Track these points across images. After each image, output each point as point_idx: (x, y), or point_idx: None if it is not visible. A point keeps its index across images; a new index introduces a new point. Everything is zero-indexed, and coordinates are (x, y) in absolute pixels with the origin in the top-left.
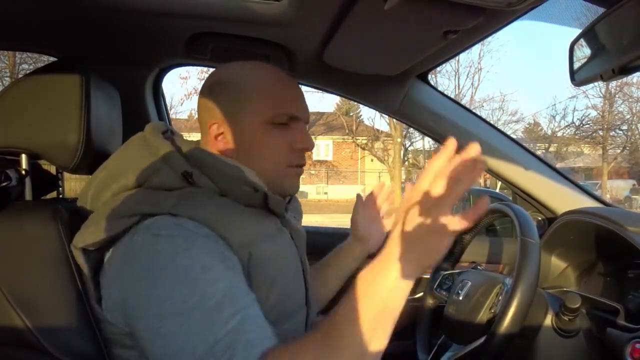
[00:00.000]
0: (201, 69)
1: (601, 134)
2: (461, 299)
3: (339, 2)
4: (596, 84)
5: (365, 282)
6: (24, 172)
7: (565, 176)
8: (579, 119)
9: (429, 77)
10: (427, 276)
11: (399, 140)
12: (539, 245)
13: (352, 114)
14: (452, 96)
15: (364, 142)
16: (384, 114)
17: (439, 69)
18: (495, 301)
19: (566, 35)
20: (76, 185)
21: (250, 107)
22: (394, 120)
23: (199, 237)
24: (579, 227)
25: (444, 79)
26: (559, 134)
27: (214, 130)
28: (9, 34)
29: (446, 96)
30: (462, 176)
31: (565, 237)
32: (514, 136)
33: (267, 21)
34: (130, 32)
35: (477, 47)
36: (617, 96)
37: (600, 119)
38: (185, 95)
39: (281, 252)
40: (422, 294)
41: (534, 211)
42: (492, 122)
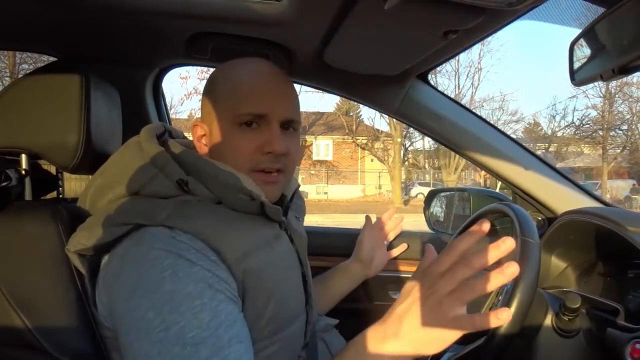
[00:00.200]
0: (201, 69)
1: (601, 134)
2: None
3: (339, 2)
4: (596, 84)
5: (358, 348)
6: (24, 172)
7: (565, 176)
8: (579, 119)
9: (429, 77)
10: None
11: (399, 140)
12: (539, 245)
13: (352, 114)
14: (452, 96)
15: (364, 142)
16: (384, 114)
17: (439, 69)
18: (495, 301)
19: (566, 35)
20: (76, 185)
21: (220, 106)
22: (394, 120)
23: (191, 253)
24: (579, 227)
25: (444, 79)
26: (559, 134)
27: (197, 131)
28: (9, 34)
29: (446, 96)
30: (488, 274)
31: (565, 237)
32: (514, 136)
33: (267, 21)
34: (130, 32)
35: (477, 47)
36: (617, 96)
37: (600, 119)
38: (185, 95)
39: (279, 260)
40: None
41: (534, 211)
42: (492, 122)
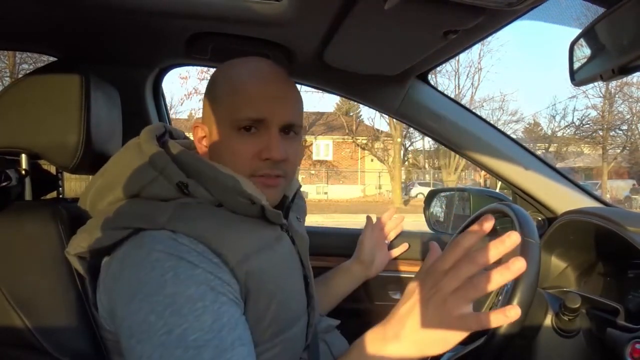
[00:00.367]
0: (201, 69)
1: (601, 134)
2: None
3: (339, 2)
4: (596, 84)
5: (361, 350)
6: (24, 172)
7: (565, 176)
8: (579, 119)
9: (429, 77)
10: None
11: (399, 140)
12: (539, 245)
13: (352, 114)
14: (452, 96)
15: (364, 142)
16: (384, 114)
17: (439, 69)
18: (495, 301)
19: (566, 35)
20: (76, 185)
21: (219, 108)
22: (394, 120)
23: (192, 256)
24: (579, 227)
25: (444, 79)
26: (559, 134)
27: (198, 132)
28: (9, 34)
29: (446, 96)
30: (493, 270)
31: (565, 237)
32: (514, 136)
33: (267, 21)
34: (130, 32)
35: (477, 47)
36: (617, 96)
37: (600, 119)
38: (185, 95)
39: (280, 262)
40: None
41: (534, 211)
42: (492, 122)
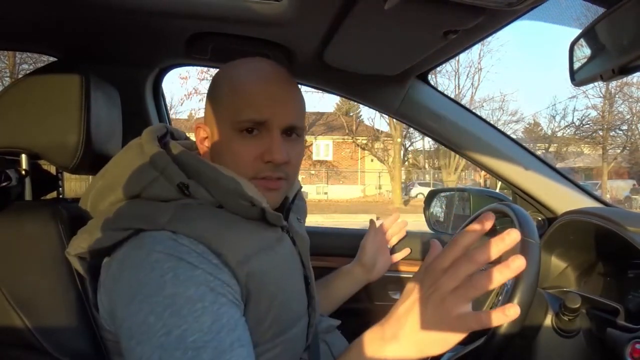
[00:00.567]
0: (201, 69)
1: (601, 134)
2: None
3: (339, 2)
4: (596, 84)
5: (359, 351)
6: (24, 172)
7: (565, 176)
8: (579, 119)
9: (429, 77)
10: None
11: (399, 140)
12: (539, 245)
13: (352, 114)
14: (452, 96)
15: (364, 142)
16: (384, 114)
17: (439, 69)
18: (495, 301)
19: (566, 35)
20: (76, 185)
21: (222, 110)
22: (394, 120)
23: (192, 257)
24: (579, 227)
25: (444, 79)
26: (559, 134)
27: (200, 133)
28: (9, 34)
29: (446, 96)
30: (492, 269)
31: (565, 237)
32: (514, 136)
33: (267, 21)
34: (130, 32)
35: (477, 47)
36: (617, 96)
37: (600, 119)
38: (185, 95)
39: (281, 264)
40: None
41: (534, 211)
42: (492, 122)
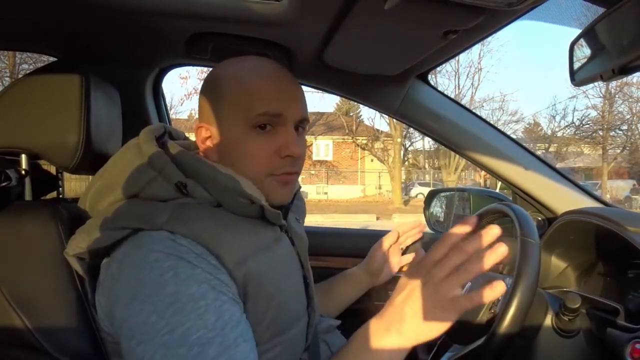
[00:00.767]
0: (201, 69)
1: (601, 134)
2: None
3: (339, 2)
4: (596, 84)
5: (363, 339)
6: (24, 172)
7: (565, 176)
8: (579, 119)
9: (429, 77)
10: None
11: (399, 140)
12: (539, 245)
13: (352, 114)
14: (452, 96)
15: (364, 142)
16: (384, 114)
17: (439, 69)
18: (495, 301)
19: (566, 35)
20: (76, 185)
21: (229, 108)
22: (394, 120)
23: (191, 256)
24: (579, 227)
25: (444, 79)
26: (559, 134)
27: (202, 133)
28: (9, 34)
29: (446, 96)
30: (480, 255)
31: (565, 237)
32: (514, 136)
33: (267, 21)
34: (130, 32)
35: (477, 47)
36: (617, 96)
37: (600, 119)
38: (185, 95)
39: (280, 264)
40: None
41: (534, 211)
42: (492, 122)
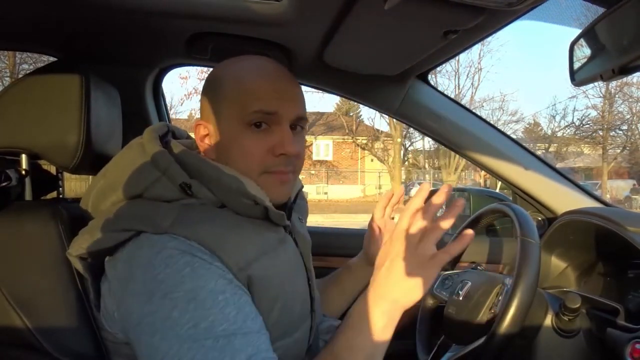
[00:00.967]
0: (201, 69)
1: (601, 134)
2: (461, 299)
3: (339, 2)
4: (596, 84)
5: (359, 312)
6: (24, 172)
7: (565, 176)
8: (579, 119)
9: (429, 77)
10: None
11: (399, 140)
12: (539, 245)
13: (352, 114)
14: (452, 96)
15: (364, 142)
16: (384, 114)
17: (439, 69)
18: (495, 301)
19: (566, 35)
20: (76, 185)
21: (227, 106)
22: (394, 120)
23: (204, 255)
24: (579, 227)
25: (444, 79)
26: (559, 134)
27: (200, 130)
28: (9, 34)
29: (446, 96)
30: (443, 213)
31: (565, 237)
32: (514, 136)
33: (267, 21)
34: (130, 32)
35: (477, 47)
36: (617, 96)
37: (600, 119)
38: (185, 95)
39: (284, 266)
40: None
41: (534, 211)
42: (492, 122)
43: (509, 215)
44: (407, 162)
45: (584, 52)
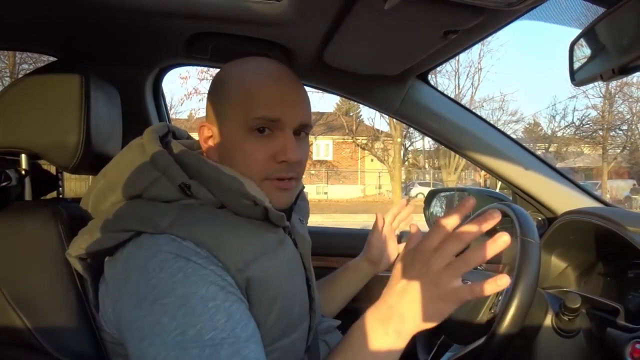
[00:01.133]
0: (201, 69)
1: (601, 134)
2: None
3: (339, 2)
4: (596, 84)
5: (362, 332)
6: (24, 172)
7: (565, 176)
8: (579, 119)
9: (429, 77)
10: None
11: (399, 140)
12: (539, 245)
13: (352, 114)
14: (452, 96)
15: (364, 142)
16: (384, 114)
17: (439, 69)
18: (495, 301)
19: (566, 35)
20: (76, 185)
21: (230, 109)
22: (394, 120)
23: (200, 258)
24: (579, 227)
25: (444, 79)
26: (559, 134)
27: (204, 132)
28: (9, 34)
29: (446, 96)
30: (480, 244)
31: (565, 237)
32: (514, 136)
33: (267, 21)
34: (130, 32)
35: (477, 47)
36: (617, 96)
37: (600, 119)
38: (185, 95)
39: (283, 266)
40: None
41: (534, 211)
42: (492, 122)
43: (509, 215)
44: (407, 162)
45: (584, 52)
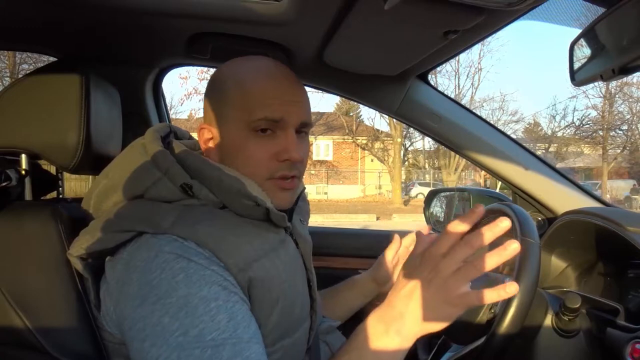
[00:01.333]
0: (201, 69)
1: (601, 134)
2: None
3: (339, 2)
4: (596, 84)
5: (367, 334)
6: (24, 172)
7: (565, 176)
8: (579, 119)
9: (429, 77)
10: None
11: (399, 140)
12: (539, 245)
13: (352, 114)
14: (452, 96)
15: (364, 142)
16: (384, 114)
17: (439, 69)
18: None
19: (566, 35)
20: (76, 185)
21: (231, 110)
22: (394, 120)
23: (201, 259)
24: (579, 227)
25: (444, 79)
26: (559, 134)
27: (204, 134)
28: (9, 34)
29: (446, 96)
30: (492, 251)
31: (565, 237)
32: (514, 136)
33: (267, 21)
34: (130, 32)
35: (477, 47)
36: (617, 96)
37: (600, 119)
38: (185, 95)
39: (284, 267)
40: None
41: (534, 211)
42: (492, 122)
43: (509, 215)
44: (407, 162)
45: (584, 52)
